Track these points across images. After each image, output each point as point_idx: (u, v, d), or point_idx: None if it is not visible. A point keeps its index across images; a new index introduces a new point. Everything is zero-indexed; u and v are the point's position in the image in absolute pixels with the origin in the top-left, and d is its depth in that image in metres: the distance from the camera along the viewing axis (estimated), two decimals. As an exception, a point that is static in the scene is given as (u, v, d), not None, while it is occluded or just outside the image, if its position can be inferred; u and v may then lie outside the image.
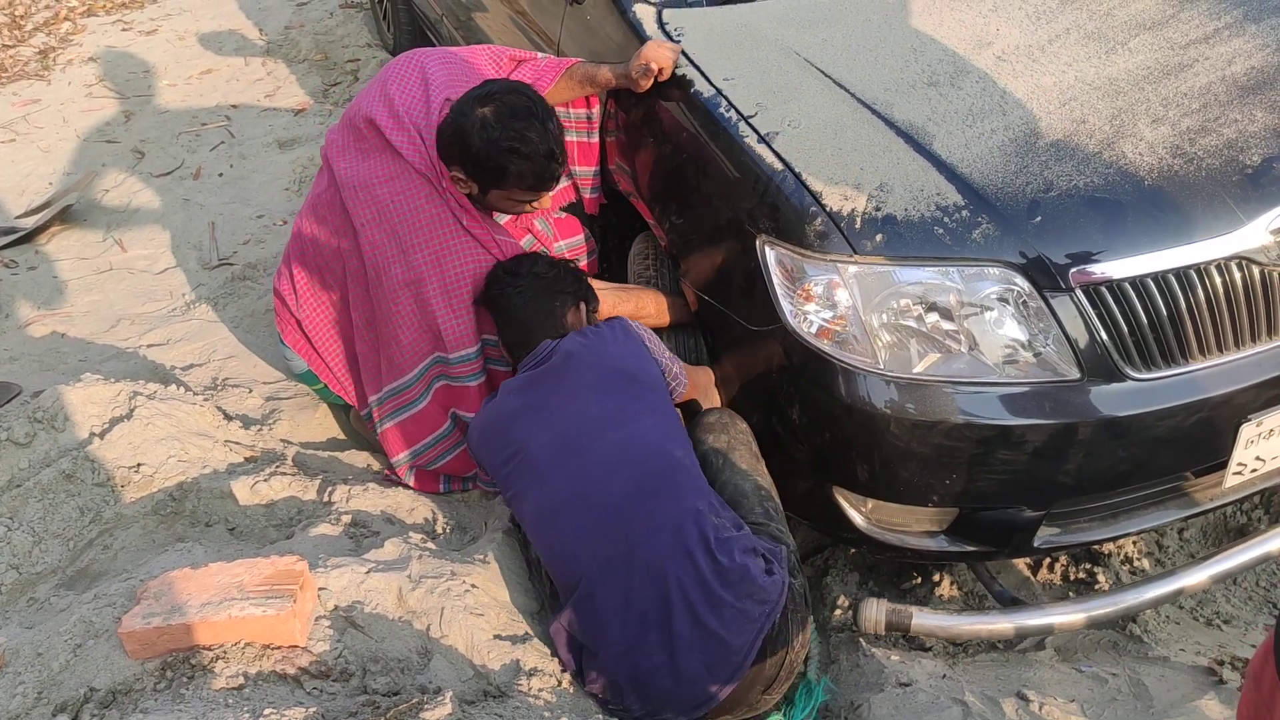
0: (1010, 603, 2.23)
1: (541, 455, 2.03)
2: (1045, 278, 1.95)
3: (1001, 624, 2.12)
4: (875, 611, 2.10)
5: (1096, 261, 1.95)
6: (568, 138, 2.55)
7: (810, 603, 2.00)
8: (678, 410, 2.18)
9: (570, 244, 2.75)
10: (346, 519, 2.20)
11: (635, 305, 2.50)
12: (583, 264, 2.71)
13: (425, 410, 2.52)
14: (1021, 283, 1.96)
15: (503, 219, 2.59)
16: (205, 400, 2.69)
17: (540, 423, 2.07)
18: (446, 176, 2.42)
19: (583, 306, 2.34)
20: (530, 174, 2.37)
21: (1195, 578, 2.12)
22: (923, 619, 2.10)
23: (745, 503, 2.10)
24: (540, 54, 2.72)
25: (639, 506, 1.93)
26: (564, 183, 2.73)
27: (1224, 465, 2.10)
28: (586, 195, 2.79)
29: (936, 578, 2.45)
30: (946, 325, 1.99)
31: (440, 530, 2.37)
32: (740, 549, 1.90)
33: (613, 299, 2.47)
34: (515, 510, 2.13)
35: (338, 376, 2.70)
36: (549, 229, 2.70)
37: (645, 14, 2.61)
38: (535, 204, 2.48)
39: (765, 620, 1.87)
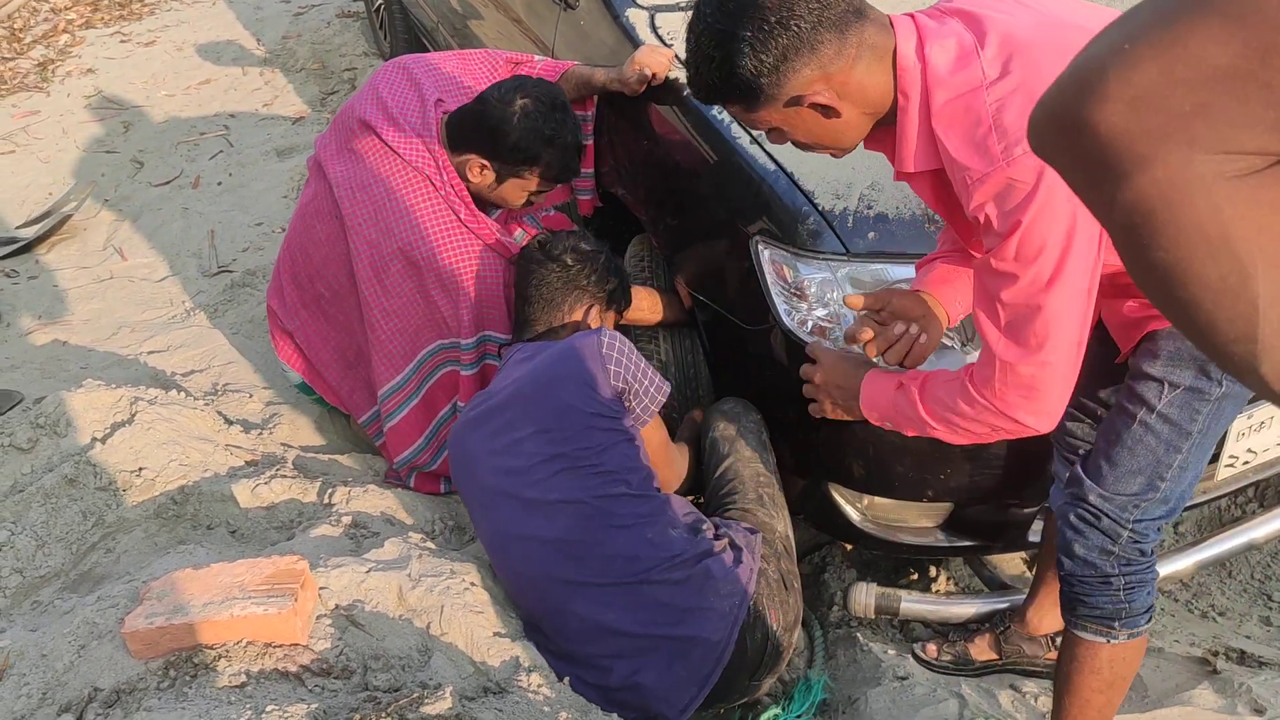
0: (1000, 588, 2.25)
1: (486, 485, 2.02)
2: (1035, 273, 1.97)
3: (990, 608, 2.14)
4: (865, 595, 2.12)
5: (1086, 257, 1.96)
6: None
7: (790, 588, 1.98)
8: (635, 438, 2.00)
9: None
10: (347, 520, 2.21)
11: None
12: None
13: (423, 402, 2.54)
14: (1012, 279, 1.97)
15: (495, 213, 2.61)
16: (205, 405, 2.71)
17: (485, 447, 2.03)
18: (448, 169, 2.44)
19: (595, 310, 2.23)
20: (557, 165, 2.44)
21: (1181, 564, 2.14)
22: (911, 602, 2.12)
23: (741, 489, 2.11)
24: (537, 56, 2.75)
25: (591, 534, 1.90)
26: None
27: (1216, 458, 2.11)
28: (582, 198, 2.81)
29: (933, 573, 2.47)
30: (939, 322, 2.00)
31: (439, 530, 2.39)
32: (698, 555, 1.88)
33: None
34: (474, 527, 2.17)
35: (332, 386, 2.72)
36: (538, 226, 2.73)
37: (638, 19, 2.63)
38: (538, 200, 2.54)
39: (739, 610, 1.86)
